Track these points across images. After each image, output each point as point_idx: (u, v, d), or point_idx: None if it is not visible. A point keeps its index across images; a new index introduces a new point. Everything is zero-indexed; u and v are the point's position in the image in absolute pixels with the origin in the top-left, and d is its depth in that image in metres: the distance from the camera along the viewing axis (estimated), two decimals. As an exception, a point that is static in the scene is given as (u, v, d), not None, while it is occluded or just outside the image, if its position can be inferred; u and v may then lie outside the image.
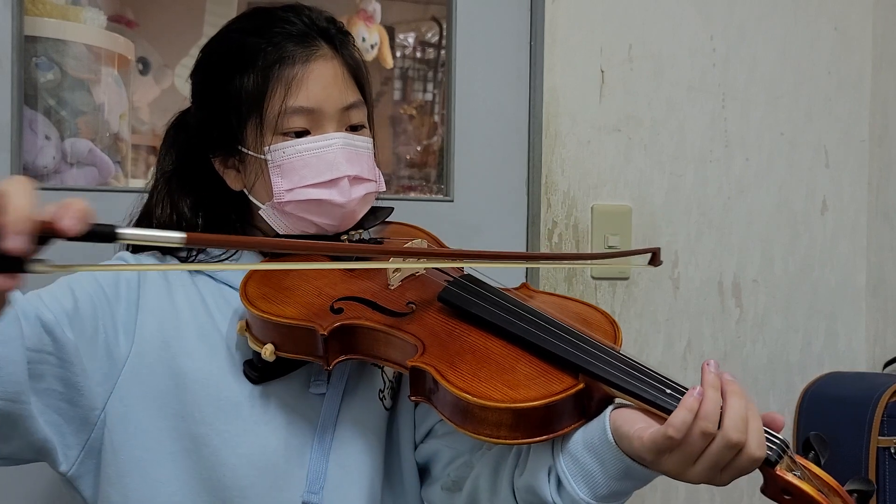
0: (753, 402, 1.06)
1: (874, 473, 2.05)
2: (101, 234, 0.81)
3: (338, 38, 1.33)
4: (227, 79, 1.30)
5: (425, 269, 1.26)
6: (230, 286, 1.32)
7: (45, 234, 0.79)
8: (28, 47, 1.77)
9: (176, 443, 1.25)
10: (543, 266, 1.50)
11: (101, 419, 1.25)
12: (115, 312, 1.27)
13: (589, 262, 1.36)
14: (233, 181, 1.36)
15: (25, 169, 1.76)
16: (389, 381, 1.35)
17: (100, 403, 1.24)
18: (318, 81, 1.29)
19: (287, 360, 1.22)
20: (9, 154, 1.75)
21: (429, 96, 2.08)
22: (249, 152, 1.31)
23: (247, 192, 1.35)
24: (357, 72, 1.35)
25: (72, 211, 0.79)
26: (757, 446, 1.03)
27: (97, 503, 1.27)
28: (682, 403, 1.03)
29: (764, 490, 1.07)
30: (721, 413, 1.03)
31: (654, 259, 1.36)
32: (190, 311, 1.30)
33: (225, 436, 1.24)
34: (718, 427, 1.02)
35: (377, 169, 1.38)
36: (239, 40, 1.32)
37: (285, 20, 1.31)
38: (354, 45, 1.37)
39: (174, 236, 0.85)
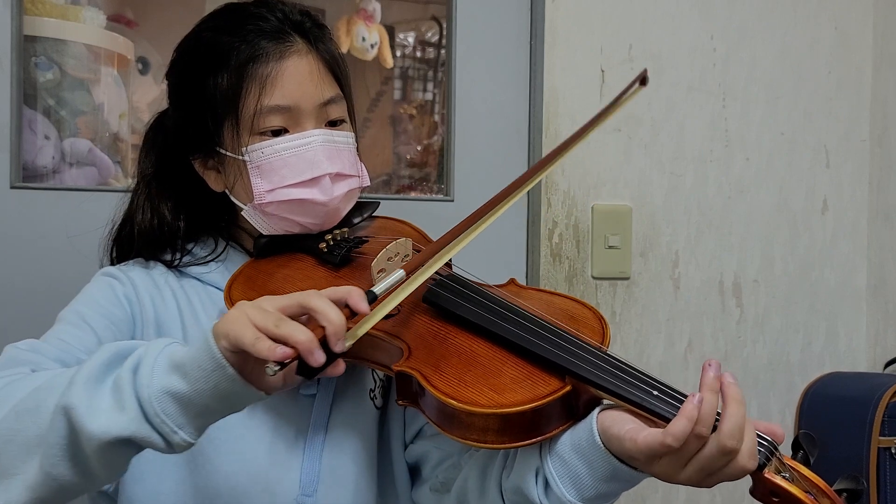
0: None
1: (874, 473, 2.05)
2: (370, 299, 1.03)
3: (313, 32, 1.30)
4: (201, 79, 1.28)
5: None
6: (217, 288, 1.31)
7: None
8: (28, 47, 1.78)
9: (177, 455, 1.25)
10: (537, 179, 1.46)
11: None
12: (126, 332, 1.26)
13: (582, 138, 1.34)
14: (213, 182, 1.33)
15: (25, 169, 1.77)
16: (380, 379, 1.33)
17: None
18: (294, 78, 1.26)
19: None
20: (8, 154, 1.76)
21: (429, 96, 2.08)
22: (228, 153, 1.28)
23: (228, 193, 1.32)
24: (334, 65, 1.31)
25: (355, 298, 1.01)
26: (749, 457, 1.02)
27: None
28: (681, 412, 1.01)
29: (752, 492, 1.06)
30: (719, 417, 1.02)
31: (644, 80, 1.42)
32: (178, 314, 1.30)
33: (216, 442, 1.23)
34: (713, 430, 1.01)
35: (360, 163, 1.35)
36: (211, 39, 1.29)
37: (258, 16, 1.28)
38: (331, 39, 1.33)
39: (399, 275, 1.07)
